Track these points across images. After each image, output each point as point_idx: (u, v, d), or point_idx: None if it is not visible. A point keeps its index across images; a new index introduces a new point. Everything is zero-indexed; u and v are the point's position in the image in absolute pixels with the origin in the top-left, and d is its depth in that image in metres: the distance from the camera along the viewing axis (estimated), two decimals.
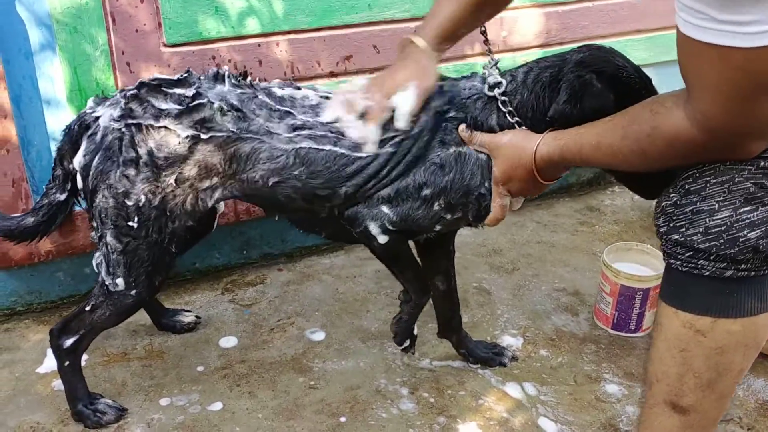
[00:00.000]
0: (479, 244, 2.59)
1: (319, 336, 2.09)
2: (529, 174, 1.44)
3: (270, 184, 1.57)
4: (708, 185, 1.17)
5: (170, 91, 1.53)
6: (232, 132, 1.52)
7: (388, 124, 1.52)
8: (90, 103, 1.60)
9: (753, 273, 1.17)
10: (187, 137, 1.50)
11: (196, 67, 2.09)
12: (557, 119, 1.43)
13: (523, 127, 1.49)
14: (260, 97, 1.56)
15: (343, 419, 1.77)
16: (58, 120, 2.05)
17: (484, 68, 1.60)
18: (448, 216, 1.58)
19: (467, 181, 1.54)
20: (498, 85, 1.54)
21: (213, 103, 1.51)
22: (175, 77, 1.57)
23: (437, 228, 1.61)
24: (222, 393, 1.86)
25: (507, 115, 1.52)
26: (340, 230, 1.66)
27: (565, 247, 2.59)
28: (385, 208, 1.57)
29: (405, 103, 1.51)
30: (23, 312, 2.18)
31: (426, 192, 1.54)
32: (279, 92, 1.58)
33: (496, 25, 2.51)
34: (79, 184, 1.58)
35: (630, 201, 2.92)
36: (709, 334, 1.21)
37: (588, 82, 1.41)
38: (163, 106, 1.51)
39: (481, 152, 1.52)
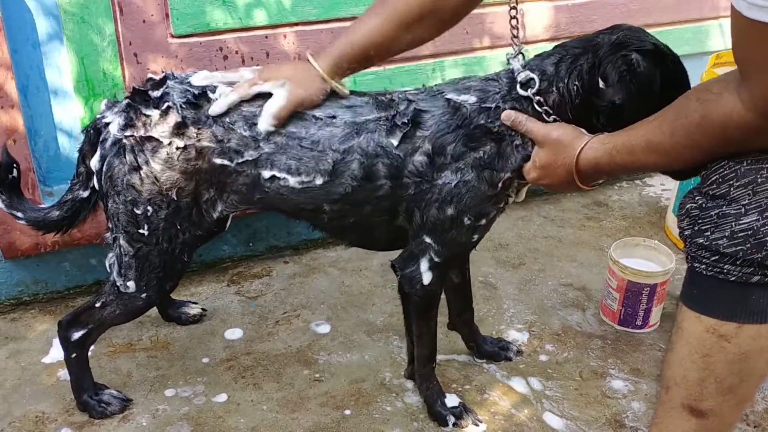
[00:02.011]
0: (485, 239, 2.57)
1: (325, 329, 2.09)
2: (569, 175, 1.39)
3: (255, 199, 1.55)
4: (732, 189, 1.14)
5: (152, 95, 1.50)
6: (204, 139, 1.49)
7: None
8: (102, 107, 1.58)
9: None
10: (171, 145, 1.48)
11: (204, 58, 2.09)
12: (606, 109, 1.37)
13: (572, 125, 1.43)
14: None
15: (347, 412, 1.77)
16: (65, 110, 2.05)
17: (508, 58, 1.52)
18: (483, 222, 1.56)
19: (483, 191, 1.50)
20: (530, 82, 1.45)
21: (177, 104, 1.47)
22: (157, 78, 1.54)
23: (475, 238, 1.59)
24: (227, 385, 1.86)
25: (544, 115, 1.44)
26: (364, 237, 1.66)
27: (572, 242, 2.58)
28: (427, 239, 1.55)
29: (273, 103, 1.46)
30: (29, 302, 2.18)
31: (451, 211, 1.51)
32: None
33: (505, 18, 2.48)
34: (96, 185, 1.58)
35: (638, 196, 2.90)
36: (734, 340, 1.18)
37: (635, 63, 1.34)
38: (148, 112, 1.49)
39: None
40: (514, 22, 1.55)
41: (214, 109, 1.47)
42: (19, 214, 1.67)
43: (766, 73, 1.03)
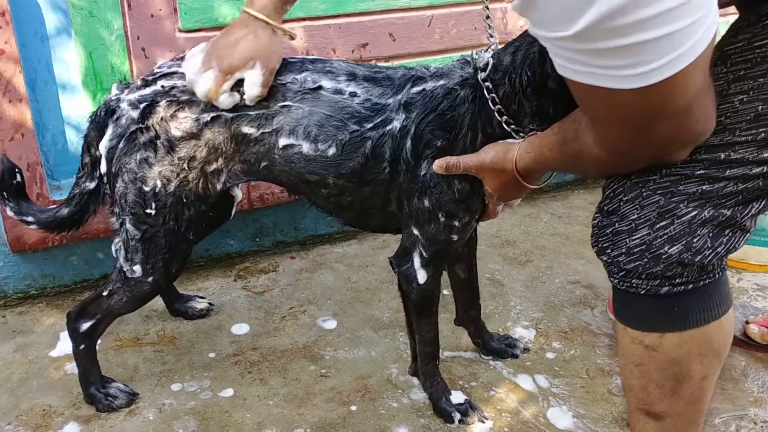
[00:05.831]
0: (492, 235, 2.58)
1: (331, 324, 2.09)
2: (518, 183, 1.38)
3: (260, 167, 1.57)
4: (622, 204, 1.15)
5: (181, 70, 1.53)
6: (232, 110, 1.51)
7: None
8: (114, 89, 1.60)
9: (691, 285, 1.14)
10: (196, 118, 1.51)
11: None
12: (551, 99, 1.32)
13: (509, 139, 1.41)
14: None
15: (353, 408, 1.77)
16: (72, 104, 2.05)
17: (475, 53, 1.48)
18: (456, 224, 1.52)
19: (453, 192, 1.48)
20: (485, 67, 1.41)
21: None
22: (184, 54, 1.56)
23: (455, 238, 1.55)
24: (233, 380, 1.86)
25: (490, 102, 1.39)
26: (357, 218, 1.65)
27: (580, 239, 2.57)
28: (415, 230, 1.54)
29: (253, 86, 1.47)
30: (37, 296, 2.19)
31: (428, 203, 1.50)
32: None
33: (512, 14, 2.48)
34: (103, 168, 1.58)
35: None
36: (660, 349, 1.19)
37: None
38: (178, 84, 1.53)
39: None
40: (489, 20, 1.52)
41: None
42: (30, 219, 1.67)
43: (597, 120, 1.05)
